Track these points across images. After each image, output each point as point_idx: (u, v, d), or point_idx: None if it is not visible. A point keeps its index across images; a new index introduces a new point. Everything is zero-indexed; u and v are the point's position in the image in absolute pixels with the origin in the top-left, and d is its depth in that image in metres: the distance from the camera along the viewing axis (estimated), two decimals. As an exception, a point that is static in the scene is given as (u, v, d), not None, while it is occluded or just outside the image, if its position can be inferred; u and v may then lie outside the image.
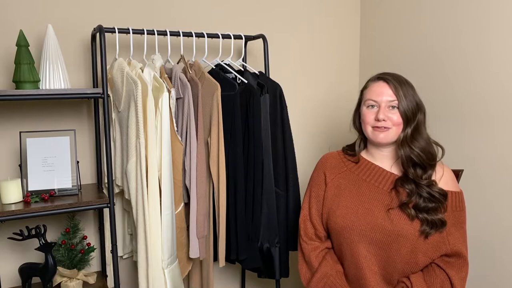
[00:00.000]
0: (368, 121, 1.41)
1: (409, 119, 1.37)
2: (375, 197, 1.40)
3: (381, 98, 1.38)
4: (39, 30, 1.63)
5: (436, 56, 1.92)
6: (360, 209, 1.39)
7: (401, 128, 1.38)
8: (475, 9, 1.74)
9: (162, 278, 1.55)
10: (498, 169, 1.69)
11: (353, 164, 1.49)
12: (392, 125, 1.38)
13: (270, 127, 1.74)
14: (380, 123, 1.38)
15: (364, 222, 1.37)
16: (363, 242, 1.37)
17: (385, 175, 1.43)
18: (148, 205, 1.50)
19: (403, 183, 1.38)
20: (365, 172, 1.46)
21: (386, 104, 1.38)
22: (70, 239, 1.66)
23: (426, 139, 1.40)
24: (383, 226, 1.34)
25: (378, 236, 1.35)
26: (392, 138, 1.39)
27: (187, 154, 1.62)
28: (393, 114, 1.37)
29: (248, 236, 1.71)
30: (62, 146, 1.59)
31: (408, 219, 1.33)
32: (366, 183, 1.43)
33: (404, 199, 1.36)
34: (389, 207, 1.37)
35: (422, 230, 1.31)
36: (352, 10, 2.34)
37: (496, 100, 1.68)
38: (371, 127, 1.41)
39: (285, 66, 2.17)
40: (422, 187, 1.35)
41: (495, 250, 1.71)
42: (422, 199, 1.34)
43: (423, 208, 1.33)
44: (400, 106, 1.37)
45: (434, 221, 1.31)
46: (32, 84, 1.45)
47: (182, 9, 1.91)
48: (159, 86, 1.54)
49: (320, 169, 1.54)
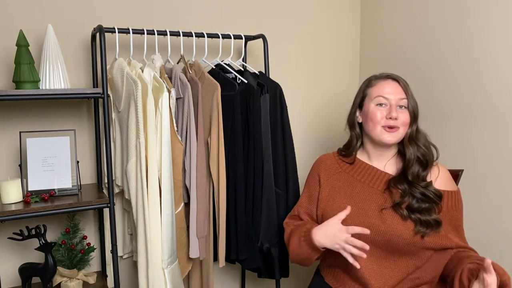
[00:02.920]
0: (377, 120, 1.38)
1: (416, 117, 1.39)
2: (369, 197, 1.40)
3: (393, 96, 1.38)
4: (39, 30, 1.63)
5: (436, 56, 1.92)
6: (354, 210, 1.38)
7: (407, 128, 1.39)
8: (476, 8, 1.74)
9: (162, 278, 1.55)
10: (498, 169, 1.69)
11: (348, 165, 1.49)
12: (402, 125, 1.38)
13: (270, 127, 1.74)
14: (391, 122, 1.37)
15: (358, 222, 1.36)
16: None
17: (380, 175, 1.42)
18: (148, 205, 1.50)
19: (396, 183, 1.37)
20: (360, 173, 1.45)
21: (396, 102, 1.38)
22: (70, 239, 1.66)
23: (424, 135, 1.42)
24: (377, 226, 1.34)
25: (373, 235, 1.34)
26: (399, 139, 1.39)
27: (187, 154, 1.62)
28: (402, 114, 1.37)
29: (248, 236, 1.71)
30: (62, 146, 1.59)
31: (401, 219, 1.33)
32: (360, 183, 1.43)
33: (397, 200, 1.35)
34: (383, 207, 1.36)
35: (417, 230, 1.30)
36: (352, 10, 2.34)
37: (496, 100, 1.68)
38: (381, 127, 1.38)
39: (285, 66, 2.17)
40: (416, 187, 1.34)
41: (495, 250, 1.71)
42: (415, 200, 1.33)
43: (416, 209, 1.32)
44: (409, 105, 1.38)
45: (428, 221, 1.30)
46: (32, 84, 1.45)
47: (182, 9, 1.91)
48: (159, 86, 1.54)
49: (315, 170, 1.55)
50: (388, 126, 1.37)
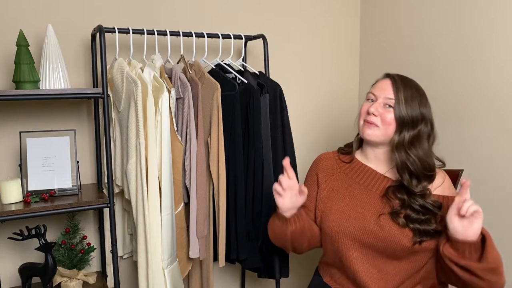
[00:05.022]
0: (362, 112, 1.41)
1: (406, 124, 1.33)
2: (367, 200, 1.38)
3: (380, 93, 1.37)
4: (39, 30, 1.63)
5: (436, 56, 1.92)
6: (352, 213, 1.37)
7: (392, 130, 1.35)
8: (476, 7, 1.74)
9: (162, 278, 1.55)
10: (498, 169, 1.69)
11: (347, 165, 1.48)
12: (381, 124, 1.35)
13: (270, 127, 1.74)
14: (369, 117, 1.36)
15: (357, 227, 1.35)
16: (357, 246, 1.36)
17: (378, 178, 1.41)
18: (148, 205, 1.50)
19: (395, 192, 1.35)
20: (358, 174, 1.44)
21: (382, 100, 1.36)
22: (70, 239, 1.66)
23: (426, 151, 1.35)
24: (376, 231, 1.32)
25: (371, 240, 1.33)
26: (377, 137, 1.37)
27: (187, 154, 1.62)
28: (386, 112, 1.35)
29: (248, 236, 1.71)
30: (62, 146, 1.59)
31: (398, 227, 1.31)
32: (358, 186, 1.42)
33: (396, 208, 1.33)
34: (381, 213, 1.35)
35: (415, 240, 1.29)
36: (352, 10, 2.34)
37: (497, 100, 1.68)
38: (363, 120, 1.40)
39: (285, 66, 2.17)
40: (415, 198, 1.31)
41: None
42: (415, 212, 1.31)
43: (415, 220, 1.30)
44: (396, 107, 1.33)
45: (426, 231, 1.29)
46: (32, 84, 1.45)
47: (182, 9, 1.91)
48: (159, 86, 1.54)
49: (313, 170, 1.53)
50: (366, 120, 1.38)
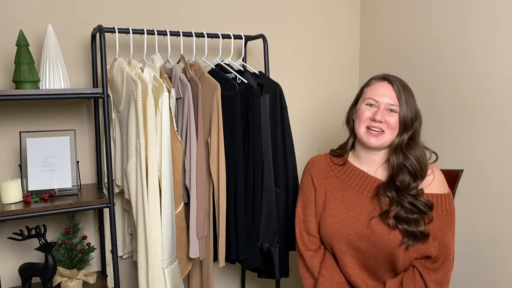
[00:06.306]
0: (363, 119, 1.36)
1: (407, 126, 1.34)
2: (360, 203, 1.37)
3: (382, 99, 1.34)
4: (39, 30, 1.63)
5: (436, 56, 1.92)
6: (346, 218, 1.37)
7: (396, 133, 1.34)
8: (476, 7, 1.74)
9: (162, 278, 1.55)
10: (498, 169, 1.69)
11: (339, 167, 1.46)
12: (387, 129, 1.34)
13: (270, 127, 1.74)
14: (375, 124, 1.34)
15: (351, 232, 1.35)
16: (350, 251, 1.36)
17: (370, 180, 1.40)
18: (148, 205, 1.50)
19: (385, 190, 1.34)
20: (350, 177, 1.43)
21: (386, 106, 1.34)
22: (70, 239, 1.66)
23: (421, 149, 1.35)
24: (368, 235, 1.32)
25: (364, 245, 1.33)
26: (384, 143, 1.36)
27: (187, 154, 1.62)
28: (391, 117, 1.34)
29: (248, 236, 1.71)
30: (62, 146, 1.59)
31: (388, 229, 1.30)
32: (351, 189, 1.41)
33: (385, 207, 1.32)
34: (371, 216, 1.34)
35: (402, 242, 1.28)
36: (352, 10, 2.34)
37: (496, 100, 1.68)
38: (365, 127, 1.36)
39: (285, 66, 2.17)
40: (404, 196, 1.30)
41: (495, 250, 1.71)
42: (404, 210, 1.29)
43: (404, 219, 1.29)
44: (400, 111, 1.33)
45: (414, 233, 1.27)
46: (32, 84, 1.45)
47: (182, 9, 1.91)
48: (159, 86, 1.54)
49: (307, 173, 1.52)
50: (371, 127, 1.35)
